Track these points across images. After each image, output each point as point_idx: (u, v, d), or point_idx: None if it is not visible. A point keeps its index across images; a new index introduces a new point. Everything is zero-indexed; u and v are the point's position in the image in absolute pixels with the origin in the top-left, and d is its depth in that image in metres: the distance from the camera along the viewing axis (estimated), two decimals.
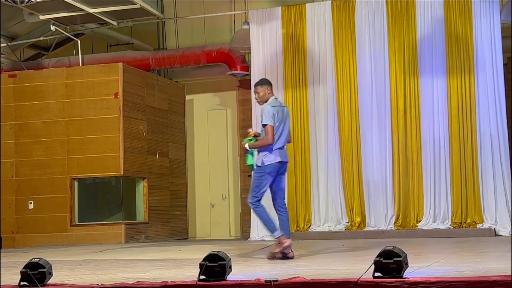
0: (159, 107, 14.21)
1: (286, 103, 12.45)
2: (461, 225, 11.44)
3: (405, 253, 4.59)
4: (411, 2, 11.92)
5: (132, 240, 12.96)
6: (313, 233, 11.98)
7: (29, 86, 13.38)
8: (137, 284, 4.87)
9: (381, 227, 11.80)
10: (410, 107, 11.87)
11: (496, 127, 11.42)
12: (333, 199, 12.16)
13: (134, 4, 12.18)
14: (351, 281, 4.36)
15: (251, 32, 12.78)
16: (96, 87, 13.08)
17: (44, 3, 11.78)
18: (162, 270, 6.47)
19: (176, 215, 14.58)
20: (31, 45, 15.17)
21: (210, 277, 4.82)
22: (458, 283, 4.16)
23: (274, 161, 7.49)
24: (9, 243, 12.95)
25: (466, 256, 7.02)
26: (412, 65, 11.89)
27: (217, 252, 4.92)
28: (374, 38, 12.11)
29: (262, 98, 7.66)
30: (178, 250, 9.85)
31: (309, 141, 12.37)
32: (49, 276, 5.13)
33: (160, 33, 15.15)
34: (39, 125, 13.23)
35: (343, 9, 12.30)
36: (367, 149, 12.03)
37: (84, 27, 13.95)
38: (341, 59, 12.25)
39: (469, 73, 11.60)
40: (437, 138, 11.74)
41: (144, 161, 13.53)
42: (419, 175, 11.78)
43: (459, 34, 11.65)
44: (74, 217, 13.04)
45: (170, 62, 14.20)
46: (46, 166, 13.14)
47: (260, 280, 4.57)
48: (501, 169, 11.37)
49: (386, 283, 4.29)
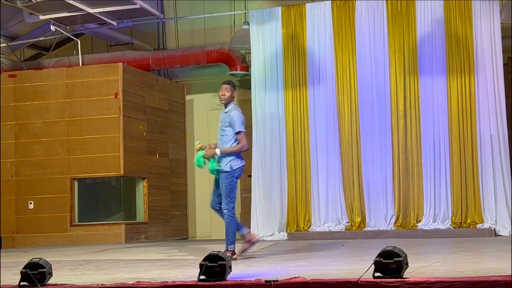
0: (159, 107, 14.21)
1: (286, 103, 12.52)
2: (461, 225, 11.44)
3: (405, 253, 4.59)
4: (411, 2, 11.92)
5: (132, 240, 12.96)
6: (313, 233, 11.98)
7: (29, 86, 13.38)
8: (137, 284, 4.87)
9: (381, 227, 11.80)
10: (410, 107, 11.87)
11: (496, 127, 11.42)
12: (333, 199, 12.16)
13: (134, 4, 12.18)
14: (351, 281, 4.37)
15: (251, 32, 12.78)
16: (96, 87, 13.09)
17: (44, 3, 11.78)
18: (162, 270, 6.47)
19: (176, 215, 14.58)
20: (31, 45, 15.17)
21: (210, 277, 4.82)
22: (458, 283, 4.16)
23: (241, 165, 7.86)
24: (9, 243, 12.95)
25: (466, 256, 7.02)
26: (412, 65, 11.89)
27: (217, 252, 4.92)
28: (374, 38, 12.11)
29: (228, 100, 7.90)
30: (178, 250, 9.85)
31: (309, 141, 12.36)
32: (49, 276, 5.13)
33: (160, 33, 15.15)
34: (39, 125, 13.23)
35: (343, 9, 12.30)
36: (367, 149, 12.03)
37: (84, 27, 13.95)
38: (341, 59, 12.25)
39: (469, 73, 11.60)
40: (437, 138, 11.74)
41: (144, 161, 13.53)
42: (419, 175, 11.78)
43: (459, 34, 11.64)
44: (74, 217, 13.04)
45: (170, 62, 14.21)
46: (46, 166, 13.14)
47: (260, 280, 4.57)
48: (501, 169, 11.37)
49: (386, 283, 4.29)
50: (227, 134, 7.82)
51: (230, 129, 7.82)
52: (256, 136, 12.54)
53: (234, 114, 7.81)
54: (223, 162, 7.76)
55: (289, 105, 12.47)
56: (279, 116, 12.51)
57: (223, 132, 7.86)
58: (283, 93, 12.49)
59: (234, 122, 7.75)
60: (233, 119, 7.75)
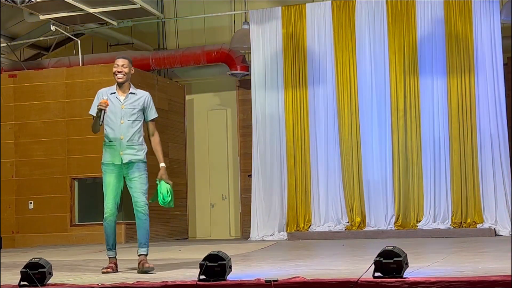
0: (159, 107, 14.08)
1: (286, 103, 12.52)
2: (461, 225, 11.44)
3: (405, 253, 4.59)
4: (411, 2, 11.92)
5: (132, 240, 12.94)
6: (313, 233, 11.98)
7: (29, 86, 13.38)
8: (137, 284, 4.87)
9: (381, 227, 11.80)
10: (410, 107, 11.87)
11: (496, 127, 11.42)
12: (333, 199, 12.16)
13: (134, 4, 12.19)
14: (351, 281, 4.36)
15: (251, 32, 12.78)
16: (96, 87, 12.96)
17: (44, 3, 11.78)
18: (162, 270, 6.46)
19: (176, 215, 14.57)
20: (31, 45, 15.17)
21: (210, 277, 4.82)
22: (458, 283, 4.16)
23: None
24: (9, 243, 12.95)
25: (466, 256, 7.01)
26: (412, 65, 11.89)
27: (217, 252, 4.92)
28: (374, 38, 12.11)
29: (127, 77, 6.65)
30: (178, 250, 9.85)
31: (309, 141, 12.36)
32: (49, 276, 5.13)
33: (160, 33, 15.15)
34: (39, 125, 13.23)
35: (343, 9, 12.30)
36: (367, 149, 12.03)
37: (84, 27, 13.95)
38: (341, 59, 12.25)
39: (469, 73, 11.60)
40: (437, 138, 11.75)
41: None
42: (419, 175, 11.78)
43: (459, 34, 11.64)
44: (74, 217, 13.04)
45: (170, 62, 14.20)
46: (46, 166, 13.14)
47: (260, 280, 4.57)
48: (501, 169, 11.37)
49: (386, 283, 4.29)
50: (139, 120, 6.62)
51: (141, 114, 6.63)
52: (256, 136, 12.55)
53: (149, 96, 6.70)
54: (140, 151, 6.69)
55: (289, 105, 12.47)
56: (279, 116, 12.51)
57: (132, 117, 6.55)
58: (283, 93, 12.49)
59: (151, 105, 6.68)
60: (149, 101, 6.67)
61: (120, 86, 6.66)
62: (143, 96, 6.67)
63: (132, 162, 6.55)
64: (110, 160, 6.55)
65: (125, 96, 6.62)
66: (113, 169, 6.56)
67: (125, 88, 6.66)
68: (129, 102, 6.58)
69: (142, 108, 6.62)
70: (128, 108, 6.56)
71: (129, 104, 6.58)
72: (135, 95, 6.64)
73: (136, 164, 6.58)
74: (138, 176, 6.61)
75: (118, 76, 6.61)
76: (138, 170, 6.61)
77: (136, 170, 6.59)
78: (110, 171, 6.56)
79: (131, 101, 6.58)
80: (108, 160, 6.57)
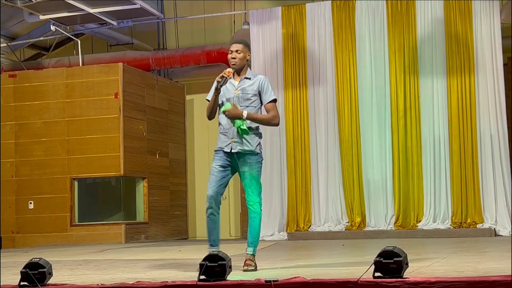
0: (159, 107, 14.21)
1: (286, 103, 12.51)
2: (461, 225, 11.44)
3: (405, 253, 4.59)
4: (411, 2, 11.92)
5: (132, 240, 12.96)
6: (313, 233, 11.98)
7: (29, 86, 13.39)
8: (137, 284, 4.87)
9: (381, 227, 11.81)
10: (410, 107, 11.88)
11: (496, 127, 11.42)
12: (333, 199, 12.16)
13: (134, 4, 12.19)
14: (351, 281, 4.36)
15: (251, 32, 12.78)
16: (96, 87, 13.09)
17: (44, 3, 11.78)
18: (162, 270, 6.46)
19: (176, 215, 14.58)
20: (31, 45, 15.18)
21: (210, 277, 4.82)
22: (458, 283, 4.15)
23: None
24: (9, 243, 12.95)
25: (466, 256, 7.01)
26: (412, 65, 11.90)
27: (217, 252, 4.92)
28: (374, 38, 12.11)
29: (241, 63, 6.14)
30: (178, 250, 9.85)
31: (309, 141, 12.37)
32: (49, 276, 5.13)
33: (160, 33, 15.16)
34: (39, 125, 13.24)
35: (343, 9, 12.30)
36: (367, 149, 12.04)
37: (84, 27, 13.95)
38: (341, 59, 12.26)
39: (469, 73, 11.60)
40: (437, 138, 11.75)
41: (144, 161, 13.53)
42: (419, 175, 11.78)
43: (459, 34, 11.65)
44: (74, 217, 13.04)
45: (170, 62, 14.21)
46: (46, 166, 13.14)
47: (260, 280, 4.56)
48: (501, 169, 11.38)
49: (386, 283, 4.29)
50: (254, 106, 6.05)
51: (257, 100, 6.08)
52: None
53: (266, 79, 6.14)
54: (251, 140, 6.03)
55: (289, 105, 12.47)
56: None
57: (246, 103, 6.03)
58: (283, 93, 12.49)
59: (268, 86, 6.09)
60: (265, 83, 6.09)
61: (236, 72, 6.17)
62: (258, 80, 6.12)
63: (241, 153, 6.02)
64: (219, 146, 6.14)
65: (239, 81, 6.17)
66: (221, 156, 6.09)
67: (242, 74, 6.19)
68: (242, 87, 6.09)
69: (257, 93, 6.08)
70: (241, 94, 6.07)
71: (242, 89, 6.09)
72: (249, 80, 6.13)
73: (246, 157, 6.01)
74: (248, 171, 6.02)
75: (231, 62, 6.14)
76: (248, 163, 6.01)
77: (246, 163, 6.02)
78: (218, 158, 6.10)
79: (244, 86, 6.09)
80: (218, 146, 6.16)
